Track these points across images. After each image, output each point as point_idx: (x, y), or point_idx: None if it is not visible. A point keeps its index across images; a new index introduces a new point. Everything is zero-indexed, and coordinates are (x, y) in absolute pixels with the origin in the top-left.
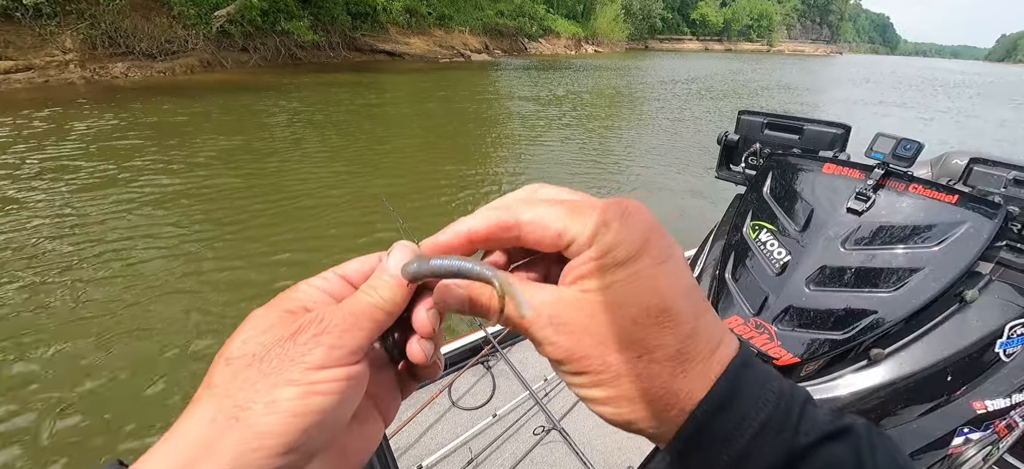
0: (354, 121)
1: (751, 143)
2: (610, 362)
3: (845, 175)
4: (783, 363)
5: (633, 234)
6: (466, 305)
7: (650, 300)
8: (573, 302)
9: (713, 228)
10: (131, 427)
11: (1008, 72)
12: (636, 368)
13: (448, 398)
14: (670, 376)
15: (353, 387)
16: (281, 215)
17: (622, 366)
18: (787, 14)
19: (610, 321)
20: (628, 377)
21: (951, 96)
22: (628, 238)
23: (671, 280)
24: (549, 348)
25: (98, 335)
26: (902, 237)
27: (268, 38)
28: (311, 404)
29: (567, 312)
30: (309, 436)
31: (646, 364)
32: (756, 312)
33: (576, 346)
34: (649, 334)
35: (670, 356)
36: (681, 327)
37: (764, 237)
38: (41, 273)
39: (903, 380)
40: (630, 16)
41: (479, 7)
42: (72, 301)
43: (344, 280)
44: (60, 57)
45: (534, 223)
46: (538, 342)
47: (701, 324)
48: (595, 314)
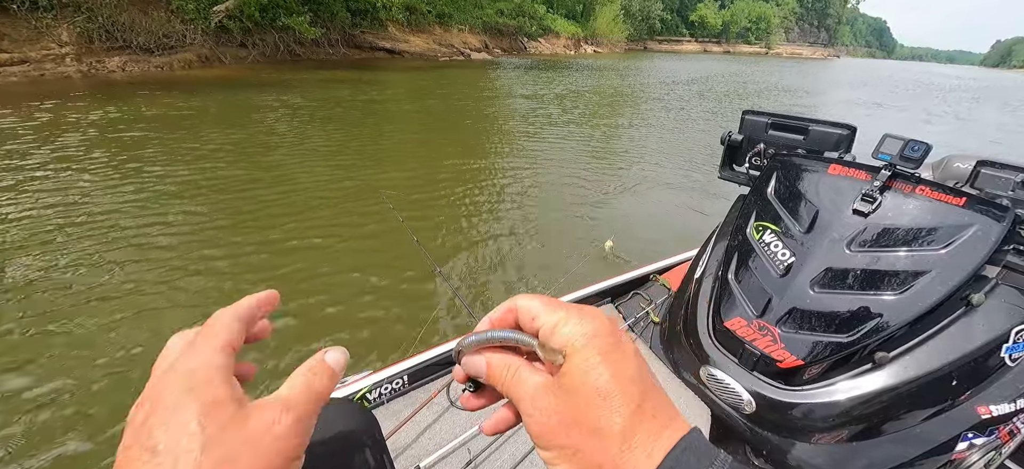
0: (356, 117)
1: (755, 143)
2: (572, 439)
3: (851, 176)
4: (786, 365)
5: (585, 328)
6: (483, 371)
7: (598, 384)
8: (548, 388)
9: (715, 229)
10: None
11: (1004, 77)
12: (590, 444)
13: (446, 397)
14: (618, 451)
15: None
16: (287, 205)
17: (580, 442)
18: (785, 17)
19: (571, 404)
20: (585, 452)
21: (948, 100)
22: (581, 331)
23: (617, 368)
24: (529, 423)
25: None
26: (908, 239)
27: (267, 34)
28: None
29: (543, 396)
30: None
31: (598, 441)
32: (759, 314)
33: (546, 423)
34: (599, 414)
35: (616, 433)
36: (624, 408)
37: (768, 238)
38: (65, 254)
39: (907, 384)
40: (629, 17)
41: (479, 5)
42: (106, 278)
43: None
44: (56, 50)
45: (523, 309)
46: (525, 415)
47: (647, 405)
48: (561, 398)
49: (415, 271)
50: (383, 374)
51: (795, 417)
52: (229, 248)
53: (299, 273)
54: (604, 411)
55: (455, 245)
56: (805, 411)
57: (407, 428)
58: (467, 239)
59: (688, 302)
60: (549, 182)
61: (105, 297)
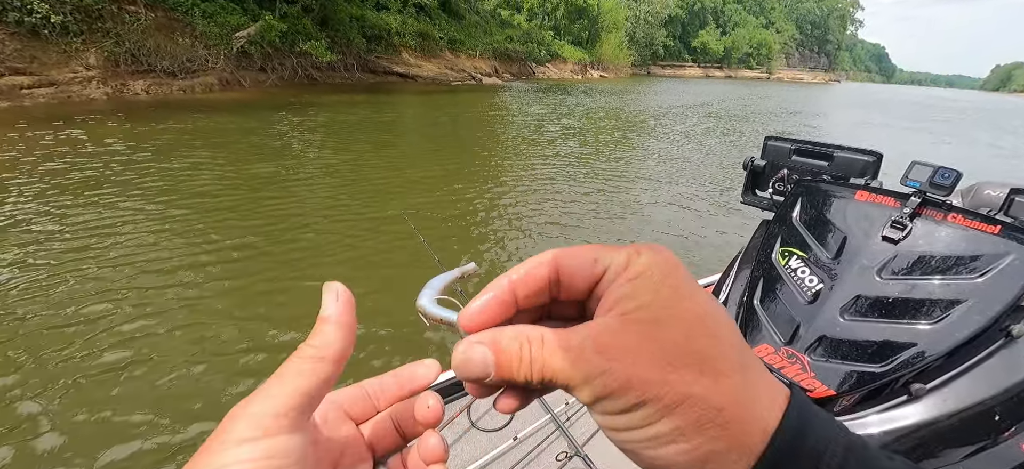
0: (373, 137)
1: (778, 169)
2: (672, 383)
3: (879, 203)
4: (817, 395)
5: (666, 259)
6: (490, 367)
7: (699, 309)
8: (617, 328)
9: (738, 253)
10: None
11: (1005, 101)
12: (703, 384)
13: (467, 419)
14: (743, 389)
15: (288, 454)
16: (313, 231)
17: (687, 385)
18: (785, 43)
19: (663, 337)
20: (698, 397)
21: (954, 122)
22: (661, 259)
23: (709, 298)
24: (602, 380)
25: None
26: (942, 268)
27: (286, 58)
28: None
29: (614, 338)
30: None
31: (712, 378)
32: (787, 341)
33: (633, 370)
34: (708, 345)
35: (736, 367)
36: (735, 340)
37: (794, 264)
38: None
39: (946, 418)
40: (634, 43)
41: (488, 32)
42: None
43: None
44: (83, 73)
45: (568, 255)
46: (584, 380)
47: (748, 347)
48: (644, 332)
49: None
50: None
51: None
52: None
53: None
54: (711, 341)
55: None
56: None
57: None
58: (484, 258)
59: None
60: (565, 203)
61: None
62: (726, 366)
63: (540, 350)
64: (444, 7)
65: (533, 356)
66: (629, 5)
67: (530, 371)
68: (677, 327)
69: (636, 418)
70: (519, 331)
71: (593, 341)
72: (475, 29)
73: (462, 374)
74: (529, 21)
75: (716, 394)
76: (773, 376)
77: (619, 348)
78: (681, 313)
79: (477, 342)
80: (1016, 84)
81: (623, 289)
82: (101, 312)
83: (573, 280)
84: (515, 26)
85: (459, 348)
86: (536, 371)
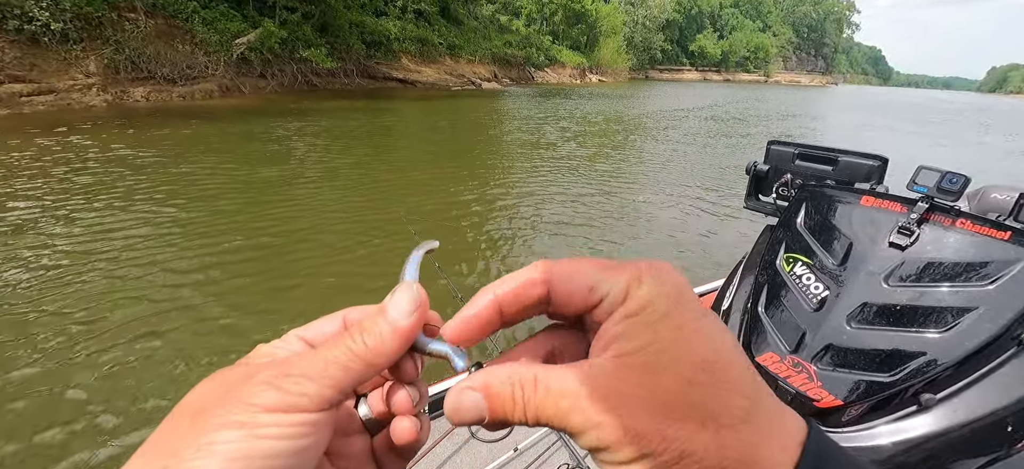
0: (379, 142)
1: (781, 173)
2: (670, 437)
3: (885, 208)
4: (824, 405)
5: (668, 287)
6: (484, 412)
7: (703, 352)
8: (611, 373)
9: (741, 260)
10: None
11: (1001, 102)
12: (703, 440)
13: (467, 429)
14: (748, 442)
15: (311, 436)
16: (315, 232)
17: (686, 440)
18: (782, 46)
19: (660, 386)
20: (698, 454)
21: (951, 124)
22: (664, 290)
23: (718, 331)
24: (597, 432)
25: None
26: (951, 274)
27: (286, 65)
28: (255, 447)
29: (607, 385)
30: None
31: (714, 432)
32: (793, 350)
33: (629, 423)
34: (709, 395)
35: (742, 417)
36: (743, 384)
37: (799, 270)
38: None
39: (957, 429)
40: (632, 47)
41: (487, 37)
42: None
43: (305, 343)
44: (82, 80)
45: (563, 276)
46: (579, 430)
47: (760, 384)
48: (641, 380)
49: (438, 298)
50: None
51: None
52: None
53: (312, 306)
54: (713, 390)
55: (475, 272)
56: None
57: (426, 461)
58: (486, 266)
59: None
60: (565, 207)
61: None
62: (729, 418)
63: (533, 395)
64: (443, 13)
65: (527, 400)
66: (627, 9)
67: (524, 415)
68: (677, 373)
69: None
70: (511, 374)
71: (588, 388)
72: (474, 34)
73: (456, 421)
74: (527, 26)
75: (717, 450)
76: (789, 414)
77: (614, 397)
78: (682, 356)
79: (468, 388)
80: (1012, 85)
81: (620, 327)
82: (125, 313)
83: (566, 305)
84: (514, 31)
85: (450, 395)
86: (530, 416)
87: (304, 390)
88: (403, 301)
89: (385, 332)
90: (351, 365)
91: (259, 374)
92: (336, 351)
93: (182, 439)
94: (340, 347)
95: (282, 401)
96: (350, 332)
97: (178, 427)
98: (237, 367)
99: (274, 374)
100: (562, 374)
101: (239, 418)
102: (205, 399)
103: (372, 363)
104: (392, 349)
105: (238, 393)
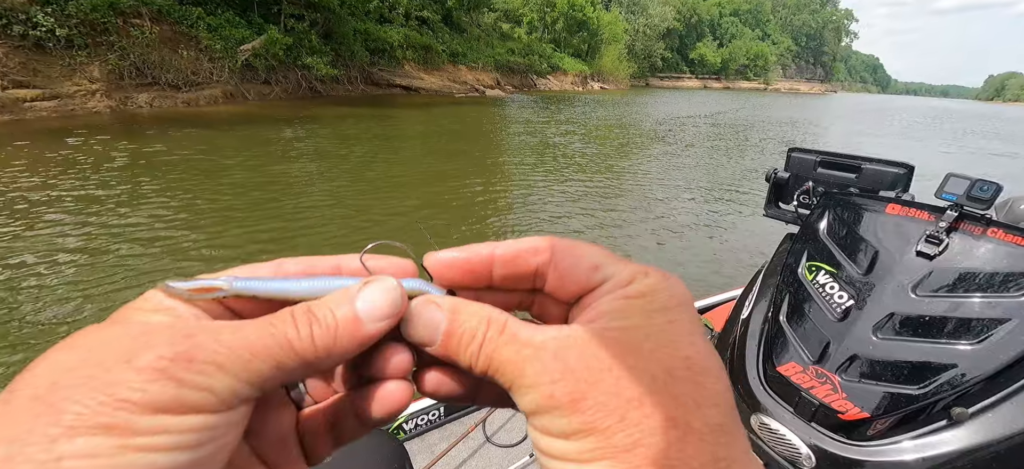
0: (384, 148)
1: (802, 181)
2: (630, 421)
3: (912, 216)
4: (850, 418)
5: (674, 289)
6: (438, 335)
7: (690, 353)
8: (589, 340)
9: (760, 268)
10: None
11: (1003, 111)
12: (667, 437)
13: (482, 433)
14: (715, 456)
15: (212, 444)
16: (326, 233)
17: (648, 432)
18: (781, 54)
19: (638, 365)
20: (656, 449)
21: (956, 133)
22: (670, 290)
23: (708, 345)
24: (549, 388)
25: None
26: (983, 285)
27: (290, 72)
28: (127, 464)
29: (581, 349)
30: None
31: (681, 434)
32: (816, 360)
33: (588, 389)
34: (687, 392)
35: (713, 430)
36: (722, 399)
37: (822, 279)
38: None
39: (991, 446)
40: (633, 55)
41: (490, 45)
42: None
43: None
44: (87, 86)
45: (570, 252)
46: (531, 383)
47: (736, 413)
48: (621, 355)
49: None
50: (420, 405)
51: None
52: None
53: None
54: (693, 390)
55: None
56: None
57: (441, 464)
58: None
59: (734, 344)
60: (573, 209)
61: None
62: (702, 423)
63: (497, 335)
64: (446, 21)
65: (488, 339)
66: (628, 18)
67: (477, 356)
68: (659, 360)
69: (572, 449)
70: (484, 310)
71: (558, 346)
72: (477, 42)
73: (404, 331)
74: (529, 34)
75: (679, 452)
76: (753, 459)
77: (583, 361)
78: (669, 348)
79: (434, 303)
80: (1010, 94)
81: (614, 303)
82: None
83: (566, 281)
84: (516, 39)
85: (413, 304)
86: (483, 358)
87: (211, 384)
88: (379, 301)
89: (342, 330)
90: (285, 362)
91: (146, 351)
92: (268, 337)
93: (13, 439)
94: (275, 332)
95: (177, 398)
96: (294, 316)
97: (15, 415)
98: (113, 325)
99: (172, 357)
100: (535, 329)
101: (105, 418)
102: (58, 374)
103: (313, 363)
104: (344, 351)
105: (110, 376)
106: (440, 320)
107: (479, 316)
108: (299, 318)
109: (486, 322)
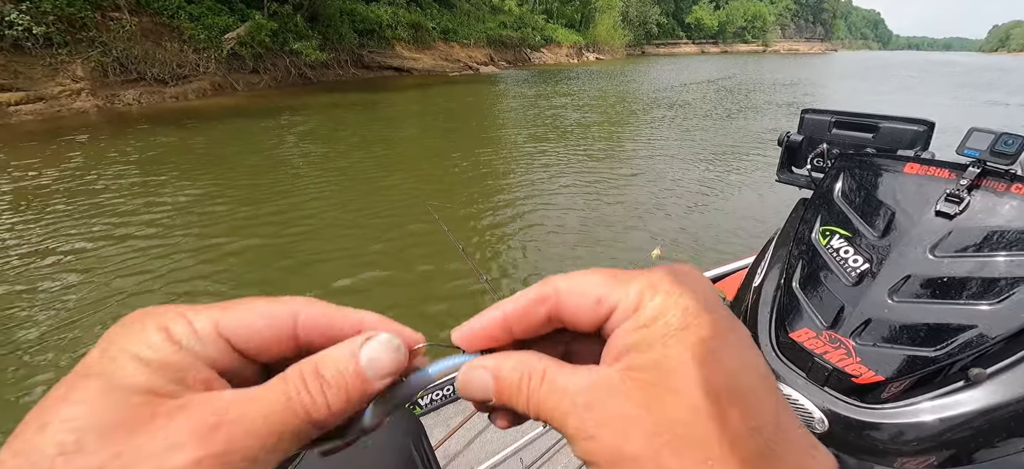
0: (379, 133)
1: (817, 144)
2: (668, 466)
3: (932, 175)
4: (864, 381)
5: (685, 299)
6: (490, 392)
7: (714, 379)
8: (616, 386)
9: (773, 234)
10: None
11: (1006, 61)
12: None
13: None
14: None
15: None
16: (327, 226)
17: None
18: (780, 14)
19: (665, 410)
20: None
21: (961, 86)
22: (680, 303)
23: (740, 354)
24: (587, 445)
25: None
26: (1005, 243)
27: (278, 58)
28: None
29: (609, 398)
30: None
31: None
32: (830, 325)
33: (624, 443)
34: (716, 429)
35: (754, 455)
36: (761, 416)
37: (836, 243)
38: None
39: (1009, 406)
40: (627, 23)
41: (481, 19)
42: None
43: (227, 344)
44: (71, 86)
45: (572, 290)
46: (573, 437)
47: (785, 417)
48: (647, 401)
49: (462, 281)
50: None
51: (876, 438)
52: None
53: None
54: (722, 423)
55: (496, 254)
56: (889, 433)
57: (457, 436)
58: (507, 247)
59: (746, 312)
60: (586, 189)
61: None
62: (737, 458)
63: (538, 387)
64: None
65: (531, 391)
66: None
67: (527, 406)
68: (685, 399)
69: None
70: (522, 362)
71: (590, 396)
72: (468, 17)
73: (463, 395)
74: (520, 5)
75: None
76: (821, 453)
77: (612, 413)
78: (693, 380)
79: (480, 366)
80: (1015, 43)
81: (632, 338)
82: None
83: (578, 320)
84: (507, 12)
85: (463, 370)
86: (532, 408)
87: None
88: (383, 359)
89: (353, 388)
90: (303, 432)
91: (175, 451)
92: (289, 413)
93: None
94: (293, 405)
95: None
96: (305, 378)
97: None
98: (112, 391)
99: (205, 455)
100: (571, 374)
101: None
102: (80, 436)
103: (325, 424)
104: (351, 409)
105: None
106: (488, 379)
107: (518, 369)
108: (310, 382)
109: (526, 375)
